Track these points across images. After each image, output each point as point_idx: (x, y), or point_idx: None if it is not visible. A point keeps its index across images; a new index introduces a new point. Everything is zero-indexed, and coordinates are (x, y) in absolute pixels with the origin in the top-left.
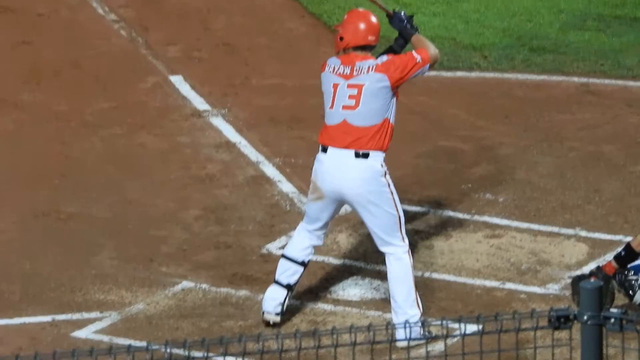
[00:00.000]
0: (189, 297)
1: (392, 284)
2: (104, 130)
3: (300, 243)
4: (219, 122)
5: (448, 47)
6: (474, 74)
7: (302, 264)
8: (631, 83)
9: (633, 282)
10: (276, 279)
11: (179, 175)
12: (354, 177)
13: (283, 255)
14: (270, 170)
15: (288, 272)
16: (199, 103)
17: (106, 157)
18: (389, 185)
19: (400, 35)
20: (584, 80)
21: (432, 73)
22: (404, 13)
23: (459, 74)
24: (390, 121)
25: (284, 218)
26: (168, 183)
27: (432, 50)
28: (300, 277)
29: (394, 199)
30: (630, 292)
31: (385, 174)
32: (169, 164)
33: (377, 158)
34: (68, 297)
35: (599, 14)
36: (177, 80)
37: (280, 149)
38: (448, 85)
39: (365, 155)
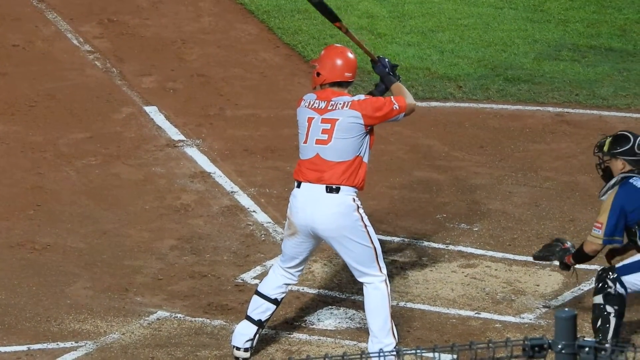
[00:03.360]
0: (164, 326)
1: (369, 312)
2: (79, 161)
3: (275, 281)
4: (193, 153)
5: (423, 78)
6: (448, 104)
7: (275, 301)
8: (606, 113)
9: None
10: (248, 314)
11: (153, 206)
12: (326, 212)
13: (256, 292)
14: (245, 200)
15: (260, 309)
16: (174, 133)
17: (81, 188)
18: (362, 218)
19: (381, 81)
20: (558, 110)
21: (433, 103)
22: (388, 60)
23: (434, 104)
24: (364, 160)
25: (259, 248)
26: (143, 213)
27: (410, 100)
28: (272, 314)
29: (368, 232)
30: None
31: (358, 208)
32: (143, 194)
33: (348, 193)
34: (43, 326)
35: (574, 44)
36: (152, 111)
37: (254, 179)
38: (423, 115)
39: (337, 190)
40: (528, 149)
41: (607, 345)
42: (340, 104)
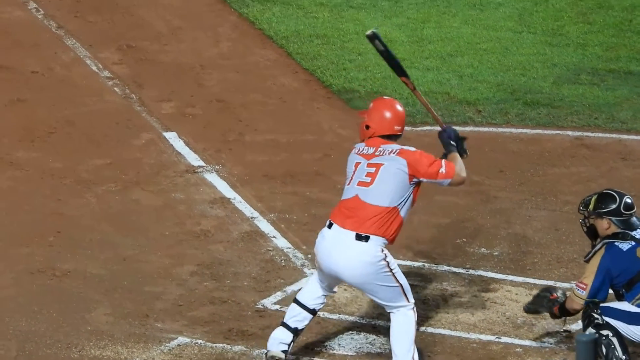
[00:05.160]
0: (184, 352)
1: (394, 337)
2: (99, 187)
3: (314, 291)
4: (213, 178)
5: (442, 102)
6: (468, 129)
7: (313, 311)
8: (625, 136)
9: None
10: (284, 321)
11: (173, 232)
12: (352, 259)
13: (295, 300)
14: (264, 225)
15: (297, 318)
16: (193, 159)
17: (101, 214)
18: (388, 265)
19: (443, 148)
20: (578, 134)
21: (426, 127)
22: (455, 131)
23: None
24: (401, 213)
25: (279, 273)
26: (163, 239)
27: (461, 171)
28: (308, 323)
29: (394, 274)
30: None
31: (386, 257)
32: (163, 220)
33: (377, 243)
34: (64, 353)
35: (593, 68)
36: (172, 137)
37: (274, 204)
38: None
39: (366, 238)
40: (547, 173)
41: None
42: (388, 150)
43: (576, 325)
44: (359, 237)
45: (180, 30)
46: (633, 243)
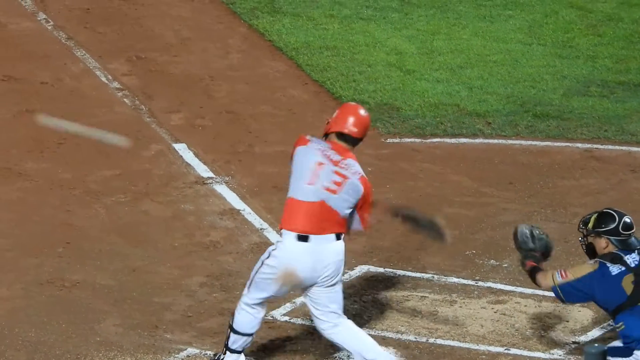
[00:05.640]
0: None
1: (356, 345)
2: (108, 198)
3: (253, 321)
4: (222, 190)
5: (452, 114)
6: (477, 141)
7: (252, 334)
8: (635, 149)
9: None
10: (231, 347)
11: (183, 243)
12: (334, 260)
13: (234, 330)
14: (274, 237)
15: (244, 343)
16: (203, 170)
17: (110, 225)
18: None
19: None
20: (587, 146)
21: (436, 139)
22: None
23: (463, 140)
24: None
25: None
26: (172, 250)
27: (367, 223)
28: (251, 340)
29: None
30: None
31: None
32: (172, 231)
33: (343, 240)
34: None
35: (603, 80)
36: (181, 148)
37: None
38: (452, 151)
39: (339, 237)
40: (557, 185)
41: None
42: (353, 169)
43: (585, 337)
44: (338, 237)
45: (190, 42)
46: (623, 268)
